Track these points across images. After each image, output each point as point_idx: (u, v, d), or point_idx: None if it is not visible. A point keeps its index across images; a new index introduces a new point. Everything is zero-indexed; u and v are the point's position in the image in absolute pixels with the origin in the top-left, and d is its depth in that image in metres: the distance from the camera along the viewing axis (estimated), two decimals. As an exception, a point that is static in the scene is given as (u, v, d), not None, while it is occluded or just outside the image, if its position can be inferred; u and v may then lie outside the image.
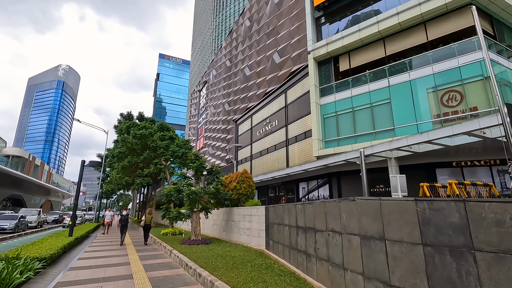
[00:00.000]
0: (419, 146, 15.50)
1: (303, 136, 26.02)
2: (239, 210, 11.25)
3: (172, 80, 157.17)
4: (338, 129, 22.68)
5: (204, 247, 9.62)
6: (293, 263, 6.34)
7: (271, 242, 8.37)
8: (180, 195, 11.29)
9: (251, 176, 12.23)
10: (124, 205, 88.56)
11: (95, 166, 13.62)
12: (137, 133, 21.75)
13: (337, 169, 21.94)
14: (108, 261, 8.56)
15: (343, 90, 22.57)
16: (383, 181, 19.63)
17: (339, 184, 22.62)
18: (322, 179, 24.27)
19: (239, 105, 44.87)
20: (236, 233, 11.28)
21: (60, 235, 12.84)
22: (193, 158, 11.83)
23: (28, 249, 8.27)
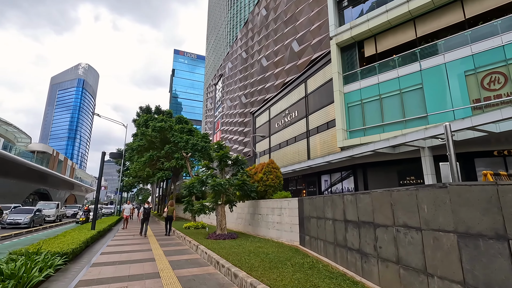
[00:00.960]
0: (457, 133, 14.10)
1: (326, 127, 24.82)
2: (267, 202, 10.47)
3: (187, 76, 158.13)
4: (364, 118, 21.39)
5: (231, 242, 8.92)
6: (340, 262, 5.47)
7: (307, 238, 7.53)
8: (204, 187, 10.63)
9: (278, 167, 11.40)
10: (143, 199, 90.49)
11: (115, 158, 13.32)
12: (156, 125, 21.38)
13: (363, 161, 20.69)
14: (132, 256, 8.03)
15: (369, 77, 21.19)
16: (414, 172, 18.27)
17: (365, 176, 21.36)
18: (346, 171, 23.05)
19: (256, 97, 43.94)
20: (264, 227, 10.52)
21: (83, 228, 12.58)
22: (217, 148, 11.11)
23: (50, 243, 7.87)
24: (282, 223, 9.27)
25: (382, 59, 20.24)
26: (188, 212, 15.27)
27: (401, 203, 3.79)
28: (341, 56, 23.56)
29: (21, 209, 20.22)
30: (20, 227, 17.55)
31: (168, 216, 14.13)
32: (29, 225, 18.08)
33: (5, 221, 17.87)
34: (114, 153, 13.24)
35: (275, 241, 9.14)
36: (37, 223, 19.66)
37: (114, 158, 13.49)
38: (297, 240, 8.34)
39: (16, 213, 18.91)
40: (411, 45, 18.53)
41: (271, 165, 11.13)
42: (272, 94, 37.69)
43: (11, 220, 17.76)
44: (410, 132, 14.53)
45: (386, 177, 20.05)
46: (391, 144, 16.05)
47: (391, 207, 4.00)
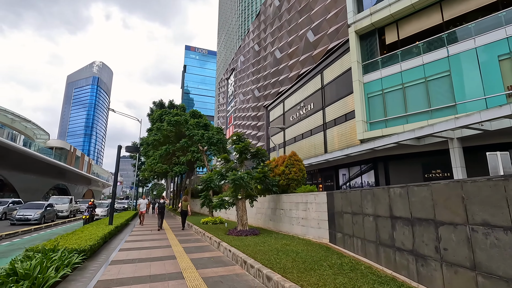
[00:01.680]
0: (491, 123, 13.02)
1: (344, 119, 23.88)
2: (290, 197, 9.86)
3: (198, 71, 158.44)
4: (385, 109, 20.36)
5: (255, 239, 8.39)
6: (385, 264, 4.82)
7: (339, 235, 6.88)
8: (223, 180, 10.12)
9: (301, 159, 10.74)
10: (158, 194, 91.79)
11: (131, 151, 13.09)
12: (172, 119, 21.06)
13: (384, 153, 19.71)
14: (151, 253, 7.63)
15: (391, 65, 20.08)
16: (440, 165, 17.22)
17: (387, 169, 20.36)
18: (366, 164, 22.10)
19: (269, 90, 43.10)
20: (287, 223, 9.94)
21: (100, 223, 12.38)
22: (236, 139, 10.56)
23: (67, 239, 7.56)
24: (308, 219, 8.65)
25: (405, 46, 19.12)
26: (206, 207, 14.90)
27: (478, 196, 3.10)
28: (360, 45, 22.51)
29: (31, 204, 18.86)
30: (30, 223, 16.41)
31: (183, 210, 14.63)
32: (40, 221, 17.03)
33: (14, 216, 16.81)
34: (130, 147, 12.97)
35: (301, 238, 8.54)
36: (48, 219, 18.44)
37: (130, 152, 13.26)
38: (326, 237, 7.70)
39: (26, 208, 17.71)
40: (437, 30, 17.36)
41: (293, 158, 10.49)
42: (286, 86, 36.79)
43: (21, 216, 16.66)
44: (439, 122, 13.53)
45: (410, 170, 19.03)
46: (417, 136, 15.08)
47: (462, 202, 3.30)
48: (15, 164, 36.14)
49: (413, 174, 18.61)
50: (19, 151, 33.90)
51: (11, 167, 36.18)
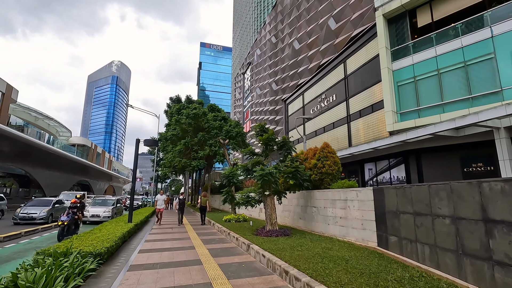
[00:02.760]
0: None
1: (370, 110, 22.30)
2: (324, 193, 8.79)
3: (214, 68, 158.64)
4: (417, 98, 18.73)
5: (288, 240, 7.40)
6: (475, 282, 3.69)
7: (392, 239, 5.77)
8: (249, 175, 9.19)
9: (335, 151, 9.62)
10: (176, 190, 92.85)
11: (150, 145, 12.48)
12: (191, 113, 20.40)
13: (417, 146, 18.11)
14: (174, 256, 6.82)
15: (424, 50, 18.38)
16: (482, 158, 15.47)
17: (419, 164, 18.71)
18: (395, 158, 20.50)
19: (287, 83, 41.77)
20: (321, 223, 8.88)
21: (120, 221, 11.81)
22: (259, 130, 9.56)
23: (83, 240, 6.88)
24: (348, 218, 7.55)
25: (440, 29, 17.36)
26: (228, 204, 14.09)
27: None
28: (389, 29, 20.84)
29: (38, 201, 16.66)
30: (35, 222, 14.49)
31: (202, 206, 14.91)
32: (47, 220, 15.10)
33: (17, 215, 14.80)
34: (149, 140, 12.32)
35: (341, 240, 7.46)
36: (56, 218, 15.78)
37: (148, 146, 12.67)
38: (372, 240, 6.60)
39: (31, 206, 15.58)
40: (477, 9, 15.55)
41: (326, 149, 9.37)
42: (305, 78, 35.34)
43: (24, 215, 14.67)
44: (484, 110, 11.93)
45: (446, 164, 17.34)
46: (458, 125, 13.52)
47: None
48: (39, 161, 37.07)
49: (450, 169, 16.94)
50: (43, 148, 34.69)
51: (36, 164, 37.13)
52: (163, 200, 14.80)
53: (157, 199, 14.79)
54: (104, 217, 16.12)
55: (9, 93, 26.49)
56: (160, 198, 14.79)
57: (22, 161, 34.15)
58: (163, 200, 14.80)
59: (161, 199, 14.74)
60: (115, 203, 17.94)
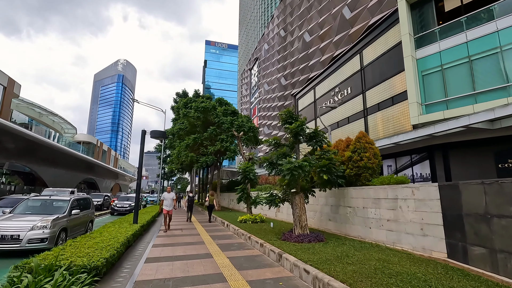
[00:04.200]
0: None
1: (390, 102, 20.76)
2: (364, 191, 7.40)
3: (219, 66, 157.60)
4: (445, 88, 17.19)
5: (326, 248, 6.04)
6: None
7: (476, 251, 4.37)
8: (273, 170, 7.83)
9: (373, 141, 8.21)
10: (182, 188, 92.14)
11: (157, 137, 11.19)
12: (199, 106, 19.15)
13: (443, 140, 16.54)
14: (189, 268, 5.51)
15: (453, 35, 16.82)
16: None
17: (446, 159, 17.12)
18: (418, 154, 18.94)
19: (297, 77, 40.22)
20: (359, 226, 7.50)
21: (124, 221, 10.57)
22: (287, 117, 8.17)
23: (78, 246, 5.62)
24: (400, 221, 6.16)
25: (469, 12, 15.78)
26: (243, 203, 12.82)
27: None
28: (412, 15, 19.31)
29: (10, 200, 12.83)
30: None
31: (209, 205, 15.11)
32: None
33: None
34: (156, 132, 11.04)
35: (391, 248, 6.08)
36: None
37: (155, 137, 11.37)
38: (439, 249, 5.20)
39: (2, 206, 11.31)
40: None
41: (363, 140, 7.97)
42: (317, 72, 33.78)
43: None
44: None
45: (478, 160, 15.72)
46: (498, 116, 12.04)
47: None
48: (44, 158, 36.31)
49: (482, 165, 15.35)
50: (48, 145, 33.90)
51: (41, 161, 36.38)
52: (171, 199, 11.93)
53: (163, 198, 11.92)
54: (29, 242, 7.12)
55: (11, 88, 25.56)
56: (167, 196, 11.91)
57: (26, 159, 33.38)
58: (171, 199, 11.92)
59: (169, 198, 11.87)
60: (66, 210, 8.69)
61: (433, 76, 17.62)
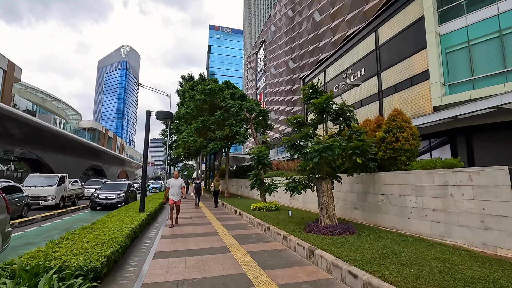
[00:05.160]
0: None
1: (408, 83, 19.44)
2: (400, 176, 6.44)
3: (223, 51, 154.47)
4: (472, 66, 15.84)
5: (363, 242, 5.17)
6: None
7: None
8: (296, 153, 6.89)
9: (410, 120, 7.17)
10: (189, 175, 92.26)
11: (163, 117, 10.22)
12: (206, 88, 18.12)
13: (468, 123, 15.32)
14: (205, 266, 4.69)
15: (482, 8, 15.33)
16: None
17: (469, 144, 15.93)
18: (438, 138, 17.75)
19: (306, 59, 38.60)
20: (394, 216, 6.59)
21: (130, 209, 9.83)
22: (312, 92, 7.12)
23: (76, 241, 4.83)
24: (451, 211, 5.22)
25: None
26: (256, 189, 12.01)
27: None
28: (435, -13, 17.70)
29: None
30: None
31: (215, 190, 15.49)
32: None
33: None
34: (162, 112, 10.08)
35: (440, 242, 5.17)
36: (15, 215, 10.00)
37: (161, 118, 10.44)
38: (509, 246, 4.27)
39: None
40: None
41: (399, 118, 6.93)
42: (328, 53, 32.18)
43: None
44: None
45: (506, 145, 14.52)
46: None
47: None
48: (50, 145, 35.91)
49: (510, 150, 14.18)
50: (53, 131, 33.40)
51: (47, 148, 36.00)
52: (179, 186, 9.24)
53: (169, 185, 9.23)
54: None
55: (11, 71, 24.70)
56: (174, 183, 9.20)
57: (32, 145, 32.97)
58: (179, 187, 9.24)
59: (176, 186, 9.18)
60: None
61: (458, 53, 16.24)
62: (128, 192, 16.01)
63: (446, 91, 16.55)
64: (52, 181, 14.70)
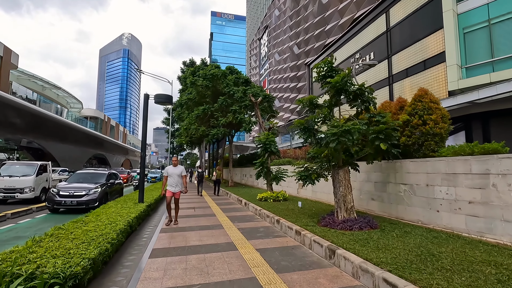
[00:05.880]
0: None
1: (421, 67, 18.41)
2: (431, 164, 5.69)
3: (226, 39, 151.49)
4: (492, 47, 14.78)
5: (390, 240, 4.49)
6: None
7: None
8: (311, 137, 6.15)
9: (438, 100, 6.35)
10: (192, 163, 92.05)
11: (162, 101, 9.35)
12: (208, 73, 17.26)
13: (485, 108, 14.41)
14: (207, 267, 4.05)
15: (505, -19, 14.06)
16: None
17: (486, 130, 15.04)
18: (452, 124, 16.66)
19: (312, 44, 37.19)
20: (420, 208, 5.88)
21: (128, 199, 9.23)
22: (327, 69, 6.31)
23: (60, 238, 4.20)
24: (494, 204, 4.49)
25: None
26: (263, 178, 11.36)
27: None
28: (454, -39, 16.42)
29: None
30: None
31: (216, 179, 15.85)
32: None
33: None
34: (161, 96, 9.20)
35: (479, 240, 4.48)
36: None
37: (160, 102, 9.59)
38: None
39: None
40: None
41: (426, 98, 6.11)
42: (335, 37, 30.85)
43: None
44: None
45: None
46: None
47: None
48: (52, 134, 35.51)
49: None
50: (54, 120, 32.90)
51: (49, 137, 35.61)
52: (178, 175, 7.38)
53: (166, 174, 7.40)
54: None
55: (8, 57, 23.91)
56: (173, 171, 7.34)
57: (33, 134, 32.55)
58: (179, 176, 7.38)
59: (175, 174, 7.33)
60: None
61: (477, 33, 15.13)
62: (107, 185, 11.44)
63: (463, 75, 15.58)
64: (30, 170, 12.66)
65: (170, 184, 7.37)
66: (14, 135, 29.81)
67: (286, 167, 11.86)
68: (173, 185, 7.34)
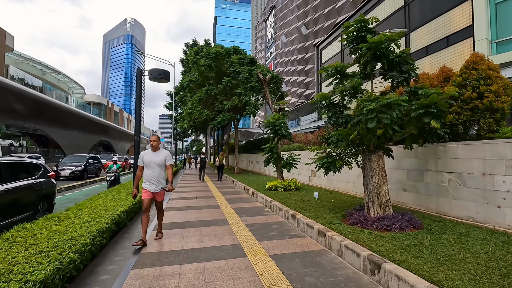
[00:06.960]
0: None
1: (444, 44, 16.73)
2: (488, 147, 4.49)
3: (230, 22, 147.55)
4: (529, 18, 13.06)
5: (449, 246, 3.38)
6: None
7: None
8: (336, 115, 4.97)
9: (498, 67, 5.06)
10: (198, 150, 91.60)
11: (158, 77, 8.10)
12: (211, 52, 15.92)
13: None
14: (206, 282, 3.01)
15: None
16: None
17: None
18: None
19: (321, 23, 35.13)
20: (471, 202, 4.73)
21: (123, 189, 8.23)
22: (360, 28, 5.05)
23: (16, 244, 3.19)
24: None
25: None
26: (273, 165, 10.26)
27: None
28: None
29: None
30: None
31: (219, 165, 15.97)
32: None
33: None
34: (156, 70, 7.87)
35: None
36: None
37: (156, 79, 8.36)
38: None
39: None
40: None
41: (483, 65, 4.84)
42: (346, 14, 28.85)
43: None
44: None
45: None
46: None
47: None
48: (54, 120, 34.80)
49: None
50: (55, 105, 32.09)
51: (51, 123, 34.93)
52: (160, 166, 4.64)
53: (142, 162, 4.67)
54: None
55: (2, 39, 22.73)
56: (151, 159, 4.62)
57: (35, 120, 31.85)
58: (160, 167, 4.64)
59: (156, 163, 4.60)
60: None
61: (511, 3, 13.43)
62: None
63: (493, 50, 14.00)
64: None
65: (147, 179, 4.60)
66: (15, 121, 29.13)
67: (298, 152, 10.72)
68: (152, 180, 4.57)
